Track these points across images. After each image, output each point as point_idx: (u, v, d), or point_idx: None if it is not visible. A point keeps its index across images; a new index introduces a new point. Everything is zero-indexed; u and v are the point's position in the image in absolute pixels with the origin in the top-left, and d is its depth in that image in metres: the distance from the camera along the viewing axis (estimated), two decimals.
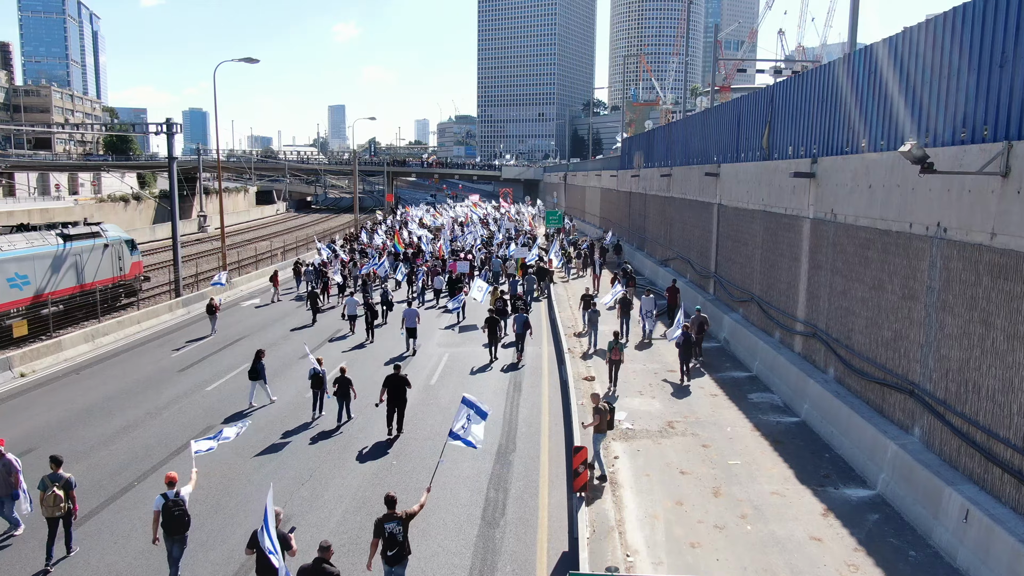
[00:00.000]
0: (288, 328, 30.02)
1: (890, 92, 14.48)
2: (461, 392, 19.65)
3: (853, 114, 16.23)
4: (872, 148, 15.24)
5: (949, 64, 12.46)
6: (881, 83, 14.85)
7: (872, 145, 15.27)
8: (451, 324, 30.43)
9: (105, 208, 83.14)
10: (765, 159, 22.52)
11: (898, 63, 14.19)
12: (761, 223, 22.45)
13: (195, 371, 22.67)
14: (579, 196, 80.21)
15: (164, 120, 33.77)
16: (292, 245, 58.36)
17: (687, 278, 32.64)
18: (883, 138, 14.84)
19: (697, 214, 31.18)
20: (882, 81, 14.81)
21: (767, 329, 21.58)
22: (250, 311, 33.36)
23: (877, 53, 15.11)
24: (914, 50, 13.62)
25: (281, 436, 16.87)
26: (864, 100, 15.71)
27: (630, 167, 50.18)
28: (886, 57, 14.68)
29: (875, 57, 15.17)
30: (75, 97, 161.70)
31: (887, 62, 14.63)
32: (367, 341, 26.98)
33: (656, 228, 40.70)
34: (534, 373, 21.88)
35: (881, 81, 14.85)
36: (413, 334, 24.80)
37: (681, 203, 34.37)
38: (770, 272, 21.58)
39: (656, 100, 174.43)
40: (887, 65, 14.62)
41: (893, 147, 14.26)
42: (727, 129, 27.14)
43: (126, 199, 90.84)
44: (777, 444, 15.46)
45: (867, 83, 15.53)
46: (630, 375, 21.17)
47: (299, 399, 19.55)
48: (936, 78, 12.87)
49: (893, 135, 14.42)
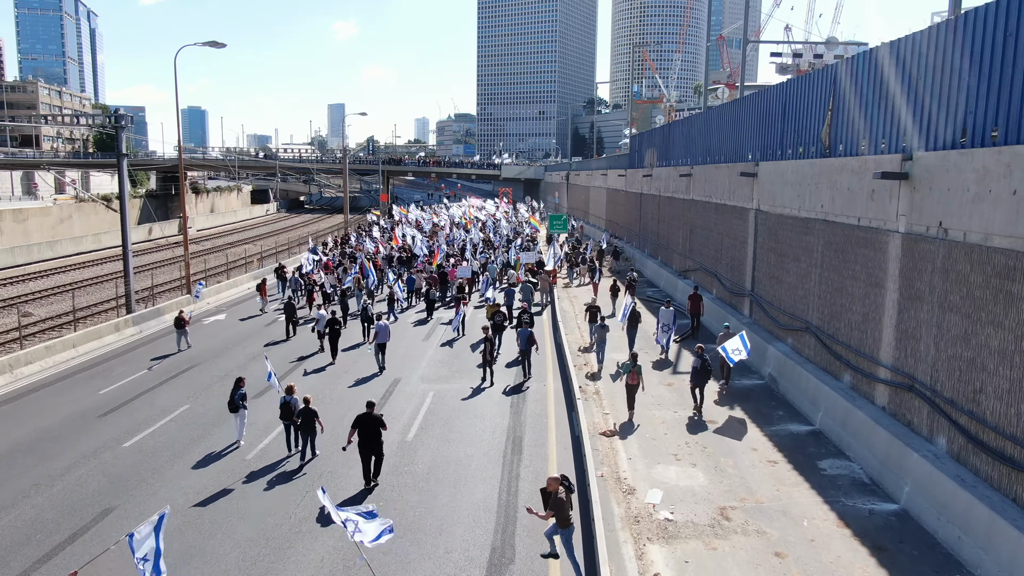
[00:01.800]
0: (262, 344, 25.92)
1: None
2: (443, 453, 15.39)
3: (980, 91, 11.87)
4: (1018, 139, 10.89)
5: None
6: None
7: (1018, 134, 10.92)
8: (447, 341, 26.22)
9: (85, 208, 78.47)
10: (825, 155, 18.18)
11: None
12: (820, 235, 18.09)
13: (119, 416, 18.31)
14: (582, 197, 75.84)
15: (113, 111, 29.41)
16: (272, 251, 53.96)
17: (713, 294, 28.29)
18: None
19: (727, 220, 26.82)
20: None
21: (831, 369, 17.20)
22: (216, 328, 28.97)
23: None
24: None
25: (244, 478, 13.23)
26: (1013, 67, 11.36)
27: (641, 166, 45.83)
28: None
29: None
30: (63, 93, 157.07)
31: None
32: (330, 363, 23.39)
33: (673, 234, 36.36)
34: (538, 421, 17.49)
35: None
36: (383, 350, 22.21)
37: (705, 207, 30.01)
38: (834, 297, 17.22)
39: (660, 97, 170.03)
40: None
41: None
42: (768, 121, 22.78)
43: (107, 199, 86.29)
44: (879, 552, 11.10)
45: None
46: (656, 421, 16.87)
47: (267, 432, 15.70)
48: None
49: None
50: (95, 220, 76.99)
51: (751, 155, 24.42)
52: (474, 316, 30.00)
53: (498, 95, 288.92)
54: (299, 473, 14.61)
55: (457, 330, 26.97)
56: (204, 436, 16.79)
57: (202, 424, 17.66)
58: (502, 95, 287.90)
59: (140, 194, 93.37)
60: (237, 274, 43.06)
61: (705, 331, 25.99)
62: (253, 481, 14.21)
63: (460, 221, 67.90)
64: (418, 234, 53.99)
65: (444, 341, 26.25)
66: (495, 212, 74.96)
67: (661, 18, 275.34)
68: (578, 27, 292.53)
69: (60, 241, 59.11)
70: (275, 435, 16.53)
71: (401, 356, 23.90)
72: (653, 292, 34.81)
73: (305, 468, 14.86)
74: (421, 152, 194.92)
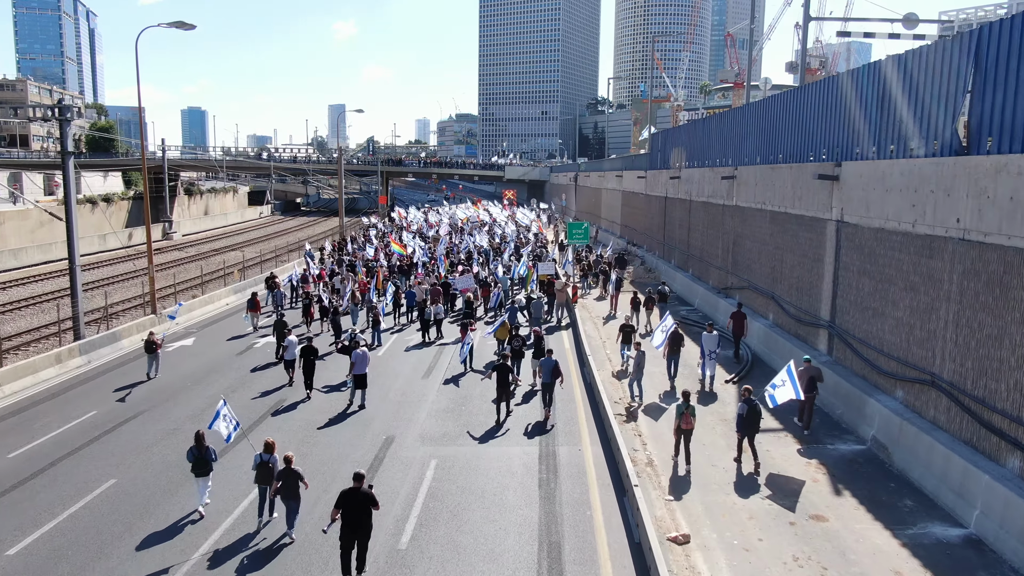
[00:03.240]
0: (243, 373, 21.69)
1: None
2: (452, 568, 10.89)
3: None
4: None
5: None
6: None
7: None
8: (452, 377, 21.79)
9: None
10: (958, 153, 13.63)
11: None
12: (955, 260, 13.52)
13: (20, 498, 13.74)
14: (592, 199, 71.22)
15: (56, 103, 24.85)
16: (256, 259, 49.35)
17: (770, 320, 23.73)
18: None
19: (789, 232, 22.26)
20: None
21: (982, 446, 12.58)
22: (178, 357, 24.34)
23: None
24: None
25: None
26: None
27: (665, 167, 41.28)
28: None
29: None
30: (53, 92, 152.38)
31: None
32: (304, 399, 19.57)
33: (709, 245, 31.81)
34: (578, 513, 12.85)
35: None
36: (362, 384, 18.83)
37: (756, 215, 25.45)
38: (984, 347, 12.64)
39: (667, 96, 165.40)
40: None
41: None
42: (854, 110, 18.20)
43: (93, 201, 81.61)
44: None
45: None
46: (736, 509, 12.36)
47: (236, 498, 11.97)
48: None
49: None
50: (79, 223, 72.39)
51: (825, 154, 19.85)
52: (483, 342, 25.46)
53: (500, 95, 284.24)
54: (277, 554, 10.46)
55: (465, 362, 22.59)
56: (145, 514, 12.24)
57: (139, 501, 13.16)
58: (504, 95, 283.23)
59: (128, 196, 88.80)
60: (215, 287, 38.48)
61: (764, 366, 21.49)
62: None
63: (463, 224, 63.33)
64: (419, 243, 49.66)
65: (448, 378, 21.70)
66: (501, 217, 70.30)
67: (665, 16, 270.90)
68: (581, 25, 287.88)
69: (25, 249, 53.94)
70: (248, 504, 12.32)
71: (396, 402, 19.35)
72: (688, 312, 30.25)
73: (284, 551, 11.20)
74: (422, 153, 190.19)
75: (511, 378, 18.21)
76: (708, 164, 32.40)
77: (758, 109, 26.50)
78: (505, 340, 23.13)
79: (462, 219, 68.37)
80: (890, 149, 16.33)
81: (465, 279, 31.49)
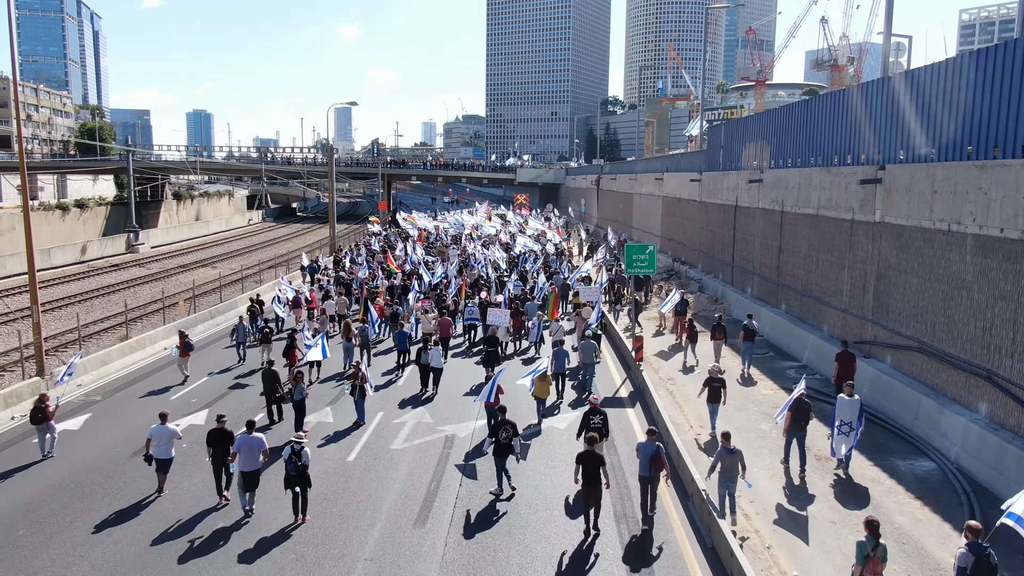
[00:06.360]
0: (119, 498, 12.17)
1: None
2: None
3: None
4: None
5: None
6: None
7: None
8: (471, 508, 12.88)
9: (35, 218, 64.79)
10: None
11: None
12: None
13: None
14: (621, 206, 62.14)
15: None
16: (232, 278, 40.53)
17: (981, 412, 14.75)
18: None
19: (1002, 268, 13.29)
20: None
21: None
22: (62, 446, 15.38)
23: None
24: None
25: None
26: None
27: (732, 167, 32.37)
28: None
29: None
30: (39, 91, 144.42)
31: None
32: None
33: (819, 275, 22.83)
34: None
35: None
36: (301, 483, 12.06)
37: (926, 237, 16.47)
38: None
39: (687, 94, 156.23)
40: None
41: None
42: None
43: (64, 207, 73.33)
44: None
45: None
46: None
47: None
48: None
49: None
50: (46, 231, 64.28)
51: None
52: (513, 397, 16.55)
53: (508, 95, 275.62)
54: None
55: (487, 443, 13.98)
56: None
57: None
58: (512, 95, 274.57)
59: (107, 201, 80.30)
60: (151, 325, 29.66)
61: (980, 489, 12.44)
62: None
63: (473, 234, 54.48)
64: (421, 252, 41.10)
65: (465, 515, 12.69)
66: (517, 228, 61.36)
67: (678, 15, 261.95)
68: (591, 24, 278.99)
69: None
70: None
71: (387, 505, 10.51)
72: (792, 369, 21.29)
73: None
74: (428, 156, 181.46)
75: (602, 473, 10.92)
76: (817, 163, 23.44)
77: (922, 75, 17.37)
78: (546, 399, 16.43)
79: (471, 226, 59.55)
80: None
81: (498, 315, 22.75)
